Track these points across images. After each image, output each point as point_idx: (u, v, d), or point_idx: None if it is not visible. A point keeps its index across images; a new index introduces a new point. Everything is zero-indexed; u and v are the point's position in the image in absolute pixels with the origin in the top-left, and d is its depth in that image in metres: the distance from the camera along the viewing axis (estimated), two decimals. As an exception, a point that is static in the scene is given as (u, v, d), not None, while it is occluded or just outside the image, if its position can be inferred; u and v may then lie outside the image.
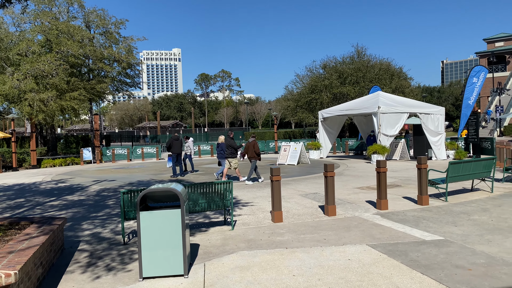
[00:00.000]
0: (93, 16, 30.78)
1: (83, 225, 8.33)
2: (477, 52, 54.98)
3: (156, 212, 4.96)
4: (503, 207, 8.52)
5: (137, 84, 35.21)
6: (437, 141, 20.41)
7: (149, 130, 75.66)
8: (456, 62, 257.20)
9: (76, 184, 14.92)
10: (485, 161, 10.11)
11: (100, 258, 6.03)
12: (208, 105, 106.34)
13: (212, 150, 29.49)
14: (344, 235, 6.76)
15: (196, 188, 7.09)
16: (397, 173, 15.12)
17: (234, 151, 13.91)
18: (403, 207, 8.88)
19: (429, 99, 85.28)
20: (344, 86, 35.53)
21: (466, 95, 20.77)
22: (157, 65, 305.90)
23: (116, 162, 26.64)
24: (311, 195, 10.80)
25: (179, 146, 16.50)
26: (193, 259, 5.72)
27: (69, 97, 24.76)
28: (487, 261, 5.28)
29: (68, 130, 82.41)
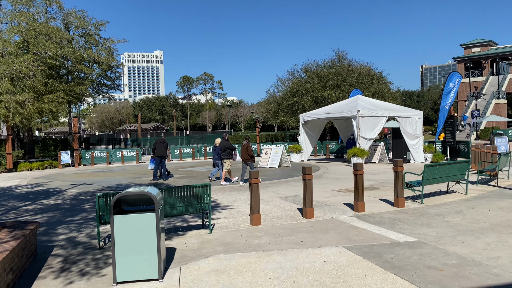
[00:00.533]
0: (73, 17, 30.37)
1: (58, 229, 8.18)
2: (455, 57, 56.25)
3: (130, 216, 4.91)
4: (476, 209, 8.72)
5: (117, 86, 34.83)
6: (415, 144, 20.76)
7: (130, 133, 74.83)
8: (435, 67, 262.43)
9: (53, 188, 14.64)
10: (460, 164, 10.34)
11: (74, 263, 5.93)
12: (190, 108, 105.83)
13: (193, 153, 29.34)
14: (321, 237, 6.82)
15: (174, 192, 7.05)
16: (375, 175, 15.32)
17: (230, 153, 14.39)
18: (380, 209, 9.01)
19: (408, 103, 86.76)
20: (325, 90, 35.84)
21: (443, 100, 21.23)
22: (138, 67, 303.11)
23: (96, 165, 26.25)
24: (290, 197, 10.85)
25: (163, 149, 16.28)
26: (169, 263, 5.68)
27: (47, 99, 24.29)
28: (459, 262, 5.40)
29: (47, 133, 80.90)
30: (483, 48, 54.74)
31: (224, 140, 14.63)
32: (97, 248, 6.67)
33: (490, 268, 5.14)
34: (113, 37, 32.16)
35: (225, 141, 14.58)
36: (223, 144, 14.48)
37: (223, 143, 14.51)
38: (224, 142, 14.50)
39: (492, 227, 7.15)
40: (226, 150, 14.38)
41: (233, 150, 14.60)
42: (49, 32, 26.39)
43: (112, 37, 33.48)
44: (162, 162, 16.37)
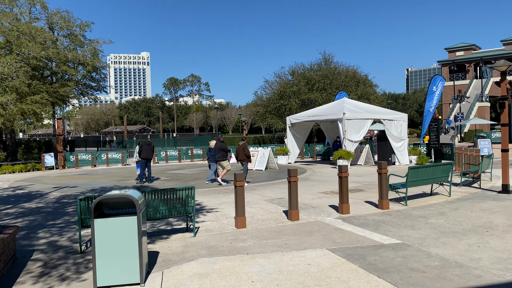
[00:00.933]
0: (57, 17, 29.95)
1: (39, 233, 8.02)
2: (439, 61, 57.03)
3: (111, 220, 4.83)
4: (459, 210, 8.81)
5: (102, 88, 34.43)
6: (400, 146, 20.97)
7: (116, 135, 74.11)
8: (420, 70, 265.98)
9: (35, 191, 14.39)
10: (443, 166, 10.45)
11: (54, 268, 5.81)
12: (177, 110, 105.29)
13: (179, 156, 29.16)
14: (305, 239, 6.81)
15: (157, 195, 6.97)
16: (361, 177, 15.41)
17: (225, 154, 14.52)
18: (364, 211, 9.04)
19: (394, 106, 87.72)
20: (312, 93, 36.03)
21: (427, 103, 21.49)
22: (125, 68, 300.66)
23: (80, 168, 25.90)
24: (276, 200, 10.84)
25: (150, 152, 16.08)
26: (151, 267, 5.60)
27: (30, 101, 23.90)
28: (441, 264, 5.43)
29: (31, 135, 79.63)
30: (467, 52, 55.63)
31: (219, 141, 14.66)
32: (78, 252, 6.56)
33: (471, 269, 5.19)
34: (98, 38, 31.73)
35: (220, 142, 14.62)
36: (218, 145, 14.51)
37: (218, 144, 14.54)
38: (219, 144, 14.54)
39: (474, 228, 7.23)
40: (220, 151, 14.44)
41: (227, 152, 14.69)
42: (33, 32, 25.99)
43: (97, 38, 33.18)
44: (148, 165, 16.17)
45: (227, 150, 14.68)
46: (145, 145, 16.09)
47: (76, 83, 30.93)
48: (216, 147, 14.51)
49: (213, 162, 14.93)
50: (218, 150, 14.43)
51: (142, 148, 15.99)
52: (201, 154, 30.09)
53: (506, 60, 10.35)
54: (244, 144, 14.74)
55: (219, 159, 14.43)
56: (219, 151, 14.42)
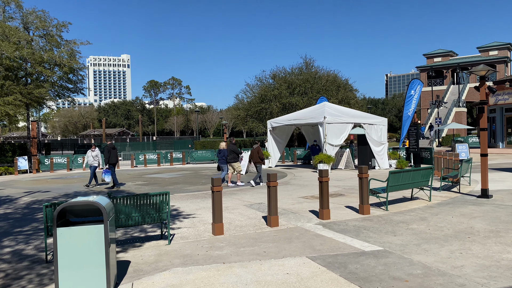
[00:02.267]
0: (33, 17, 29.09)
1: (5, 241, 7.56)
2: (418, 67, 57.93)
3: (75, 228, 4.49)
4: (440, 215, 8.73)
5: (80, 90, 33.58)
6: (380, 151, 21.00)
7: (94, 138, 72.68)
8: (399, 76, 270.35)
9: (5, 196, 13.77)
10: (423, 171, 10.39)
11: (16, 279, 5.42)
12: (157, 113, 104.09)
13: (159, 159, 28.61)
14: (284, 247, 6.57)
15: (129, 200, 6.64)
16: (341, 182, 15.30)
17: (236, 156, 15.06)
18: (345, 216, 8.87)
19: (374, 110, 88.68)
20: (293, 97, 35.95)
21: (406, 107, 21.63)
22: (104, 71, 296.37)
23: (55, 171, 25.13)
24: (256, 205, 10.58)
25: (117, 155, 15.70)
26: (121, 278, 5.26)
27: (2, 102, 23.09)
28: (424, 272, 5.27)
29: (5, 137, 77.42)
30: (444, 58, 56.67)
31: (231, 144, 15.23)
32: (44, 262, 6.16)
33: (454, 277, 5.03)
34: (75, 39, 30.94)
35: (232, 145, 15.19)
36: (230, 148, 15.02)
37: (230, 146, 15.06)
38: (231, 146, 15.06)
39: (456, 234, 7.12)
40: (232, 153, 14.93)
41: (239, 154, 15.24)
42: (6, 32, 25.19)
43: (75, 38, 32.36)
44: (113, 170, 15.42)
45: (239, 152, 15.28)
46: (112, 149, 15.46)
47: (52, 85, 30.06)
48: (229, 149, 14.99)
49: (223, 163, 15.32)
50: (230, 152, 14.92)
51: (110, 153, 15.31)
52: (181, 158, 29.61)
53: (485, 65, 10.37)
54: (258, 148, 15.40)
55: (231, 161, 14.93)
56: (231, 153, 14.91)
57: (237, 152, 15.07)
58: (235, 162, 15.04)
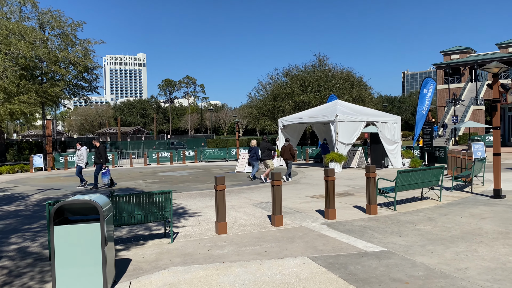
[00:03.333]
0: (48, 17, 29.54)
1: (12, 238, 7.68)
2: (434, 64, 57.00)
3: (72, 227, 4.51)
4: (449, 216, 8.54)
5: (94, 89, 34.01)
6: (394, 149, 20.71)
7: (110, 136, 73.61)
8: (416, 73, 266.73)
9: (18, 193, 14.01)
10: (434, 170, 10.19)
11: (18, 276, 5.48)
12: (172, 112, 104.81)
13: (171, 157, 28.79)
14: (286, 246, 6.51)
15: (132, 199, 6.66)
16: (352, 181, 15.13)
17: (270, 153, 15.77)
18: (351, 216, 8.76)
19: (390, 108, 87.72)
20: (305, 95, 35.74)
21: (420, 106, 21.29)
22: (121, 69, 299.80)
23: (69, 169, 25.49)
24: (262, 204, 10.53)
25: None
26: (120, 277, 5.28)
27: (18, 101, 23.50)
28: (426, 274, 5.15)
29: (24, 135, 78.93)
30: (462, 55, 55.62)
31: (264, 142, 15.95)
32: (47, 259, 6.23)
33: (457, 280, 4.90)
34: (90, 38, 31.31)
35: (265, 142, 15.89)
36: (265, 145, 15.73)
37: (265, 144, 15.75)
38: (266, 144, 15.78)
39: (463, 235, 6.96)
40: (266, 151, 15.68)
41: (273, 151, 16.04)
42: (22, 31, 25.59)
43: (89, 38, 32.76)
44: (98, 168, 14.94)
45: (273, 149, 16.00)
46: (102, 148, 14.99)
47: (67, 84, 30.52)
48: (263, 147, 15.68)
49: (254, 160, 16.07)
50: (264, 149, 15.63)
51: (105, 151, 14.98)
52: (193, 156, 29.73)
53: (498, 62, 10.10)
54: (290, 145, 16.07)
55: (265, 158, 15.64)
56: (265, 150, 15.62)
57: (271, 149, 15.78)
58: (269, 159, 15.70)
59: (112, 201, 6.48)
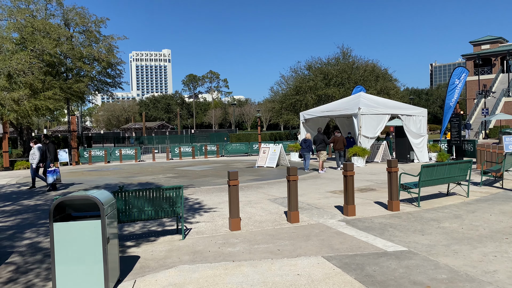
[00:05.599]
0: (73, 14, 29.95)
1: (26, 233, 7.66)
2: (464, 55, 55.06)
3: (72, 224, 4.35)
4: (477, 213, 8.03)
5: (118, 84, 34.39)
6: (419, 143, 20.00)
7: (135, 131, 74.67)
8: (444, 65, 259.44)
9: (39, 188, 14.17)
10: (461, 164, 9.64)
11: (24, 273, 5.39)
12: (196, 107, 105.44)
13: (193, 152, 28.80)
14: (301, 245, 6.20)
15: (142, 194, 6.49)
16: (375, 176, 14.64)
17: (325, 145, 16.55)
18: (372, 213, 8.36)
19: (417, 101, 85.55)
20: (329, 88, 35.08)
21: (448, 97, 20.45)
22: (146, 66, 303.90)
23: (93, 164, 25.86)
24: (280, 199, 10.23)
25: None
26: (125, 275, 5.10)
27: (43, 97, 23.92)
28: (450, 277, 4.75)
29: (53, 131, 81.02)
30: (493, 45, 53.47)
31: (320, 134, 16.77)
32: (57, 255, 6.13)
33: (484, 284, 4.49)
34: (113, 34, 31.64)
35: (321, 135, 16.70)
36: (321, 137, 16.52)
37: (320, 136, 16.56)
38: (321, 136, 16.59)
39: (492, 234, 6.48)
40: (322, 143, 16.43)
41: (328, 143, 16.96)
42: (47, 28, 26.01)
43: (112, 34, 33.10)
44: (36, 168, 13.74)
45: (328, 142, 16.88)
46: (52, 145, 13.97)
47: (91, 79, 30.93)
48: (319, 139, 16.49)
49: (307, 152, 16.78)
50: (320, 141, 16.41)
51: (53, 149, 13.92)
52: (215, 151, 29.65)
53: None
54: (342, 136, 17.48)
55: (321, 149, 16.36)
56: (321, 142, 16.40)
57: (326, 142, 16.53)
58: (324, 150, 16.40)
59: (122, 196, 6.33)
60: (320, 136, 16.58)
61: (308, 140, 17.01)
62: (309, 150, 16.96)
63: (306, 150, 16.87)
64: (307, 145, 16.89)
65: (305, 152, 16.89)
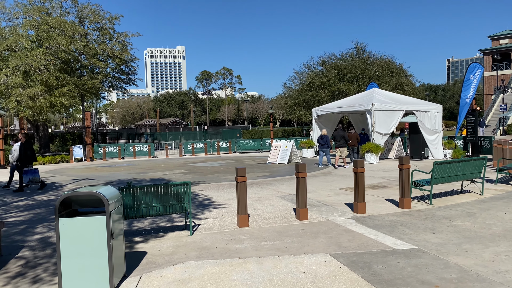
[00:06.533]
0: (87, 11, 30.28)
1: (38, 228, 7.77)
2: (481, 50, 53.96)
3: (77, 219, 4.37)
4: (490, 211, 7.85)
5: (132, 81, 34.69)
6: (434, 139, 19.67)
7: (149, 128, 75.27)
8: (462, 60, 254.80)
9: (53, 183, 14.38)
10: (475, 161, 9.44)
11: (33, 268, 5.45)
12: (210, 103, 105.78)
13: (206, 148, 28.89)
14: (308, 242, 6.14)
15: (150, 190, 6.50)
16: (387, 173, 14.45)
17: (345, 142, 16.80)
18: (382, 210, 8.24)
19: (433, 97, 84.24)
20: (342, 84, 34.75)
21: (464, 93, 20.06)
22: (161, 62, 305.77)
23: (107, 160, 26.14)
24: (289, 196, 10.17)
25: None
26: (131, 271, 5.12)
27: (58, 93, 24.24)
28: (459, 276, 4.64)
29: (69, 127, 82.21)
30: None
31: (341, 130, 17.07)
32: (66, 250, 6.18)
33: (495, 284, 4.38)
34: (127, 31, 31.83)
35: (341, 131, 17.02)
36: (340, 133, 16.84)
37: (340, 133, 16.85)
38: (341, 132, 16.90)
39: (506, 233, 6.32)
40: (342, 139, 16.75)
41: (348, 140, 17.05)
42: (62, 26, 26.33)
43: (126, 31, 33.36)
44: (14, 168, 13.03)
45: (348, 138, 17.00)
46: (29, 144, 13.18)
47: (105, 76, 31.25)
48: (338, 135, 16.78)
49: (325, 148, 17.10)
50: (340, 138, 16.72)
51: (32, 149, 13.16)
52: (227, 147, 29.68)
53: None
54: (355, 133, 17.80)
55: (341, 146, 16.71)
56: (341, 138, 16.71)
57: (346, 138, 16.81)
58: (344, 147, 16.69)
59: (130, 192, 6.35)
60: (340, 133, 16.85)
61: (325, 136, 17.25)
62: (328, 146, 17.23)
63: (325, 146, 17.15)
64: (325, 141, 17.17)
65: (324, 148, 17.18)
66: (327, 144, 17.16)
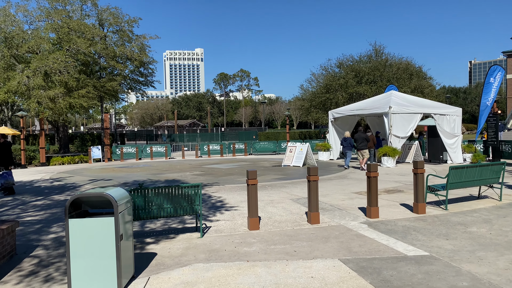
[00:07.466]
0: (107, 14, 30.78)
1: (53, 227, 7.91)
2: (504, 51, 52.67)
3: (86, 220, 4.43)
4: (508, 218, 7.65)
5: (150, 83, 35.08)
6: (453, 143, 19.31)
7: (167, 129, 76.02)
8: (484, 62, 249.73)
9: (71, 183, 14.64)
10: (493, 166, 9.22)
11: (46, 266, 5.56)
12: (227, 105, 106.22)
13: (221, 149, 29.00)
14: (318, 247, 6.09)
15: (161, 192, 6.55)
16: (403, 177, 14.24)
17: (366, 144, 16.94)
18: (396, 215, 8.12)
19: (454, 100, 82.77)
20: (360, 86, 34.44)
21: (484, 96, 19.64)
22: (180, 65, 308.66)
23: (125, 160, 26.48)
24: (302, 199, 10.11)
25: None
26: (140, 272, 5.16)
27: (77, 95, 24.70)
28: (471, 284, 4.53)
29: (89, 128, 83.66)
30: (536, 41, 50.89)
31: (361, 132, 17.23)
32: (78, 250, 6.28)
33: (508, 294, 4.26)
34: (145, 34, 32.30)
35: (363, 133, 17.17)
36: (362, 136, 16.99)
37: (362, 135, 17.01)
38: (363, 135, 17.04)
39: (522, 241, 6.15)
40: (364, 141, 16.89)
41: (368, 141, 17.18)
42: (82, 29, 26.84)
43: (145, 33, 33.76)
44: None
45: (369, 140, 17.21)
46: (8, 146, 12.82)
47: (124, 78, 31.70)
48: (360, 137, 16.92)
49: (348, 149, 17.49)
50: (362, 140, 16.82)
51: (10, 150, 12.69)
52: (243, 149, 29.73)
53: None
54: (372, 135, 18.18)
55: (362, 148, 16.84)
56: (363, 141, 16.82)
57: (367, 140, 16.98)
58: (365, 149, 16.83)
59: (141, 194, 6.42)
60: (362, 135, 17.06)
61: (348, 138, 17.75)
62: (351, 147, 17.66)
63: (348, 148, 17.57)
64: (348, 142, 17.62)
65: (347, 150, 17.59)
66: (350, 146, 17.60)
